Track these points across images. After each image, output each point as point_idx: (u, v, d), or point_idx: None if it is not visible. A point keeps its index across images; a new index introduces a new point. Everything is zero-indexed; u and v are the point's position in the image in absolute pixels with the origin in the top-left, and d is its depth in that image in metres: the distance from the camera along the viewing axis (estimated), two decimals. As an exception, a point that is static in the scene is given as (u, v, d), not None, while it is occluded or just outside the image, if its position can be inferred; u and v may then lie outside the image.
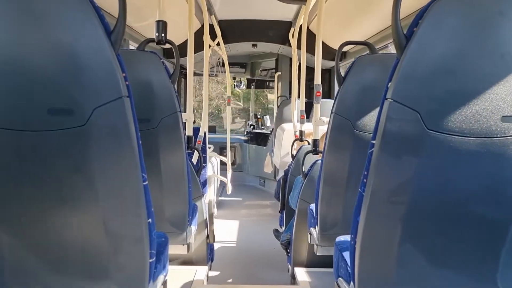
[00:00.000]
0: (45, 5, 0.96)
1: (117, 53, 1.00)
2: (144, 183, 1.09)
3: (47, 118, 0.99)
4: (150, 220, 1.12)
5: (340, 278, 1.35)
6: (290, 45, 4.84)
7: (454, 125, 0.98)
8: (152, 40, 1.81)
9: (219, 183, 5.51)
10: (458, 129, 0.98)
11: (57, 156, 1.03)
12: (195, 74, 2.73)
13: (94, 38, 0.97)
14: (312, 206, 2.15)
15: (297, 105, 4.18)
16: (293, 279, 2.62)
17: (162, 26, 1.64)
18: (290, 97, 5.67)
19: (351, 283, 1.21)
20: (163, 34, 1.65)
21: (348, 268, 1.26)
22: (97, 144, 1.01)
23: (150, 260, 1.15)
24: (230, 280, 3.21)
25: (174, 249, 1.89)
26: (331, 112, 1.82)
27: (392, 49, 3.49)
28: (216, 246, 3.49)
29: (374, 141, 1.05)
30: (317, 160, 2.42)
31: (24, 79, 0.98)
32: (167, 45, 1.78)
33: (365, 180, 1.08)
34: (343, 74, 1.84)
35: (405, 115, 0.99)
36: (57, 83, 0.98)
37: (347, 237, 1.43)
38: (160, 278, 1.32)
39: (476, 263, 1.11)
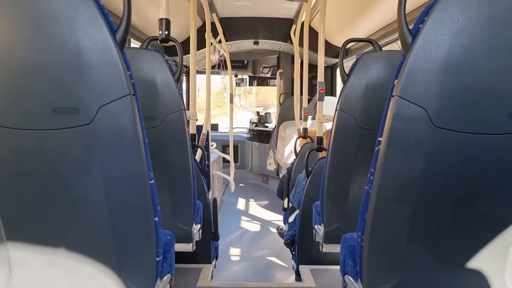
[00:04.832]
0: (49, 5, 0.95)
1: (123, 51, 1.00)
2: (151, 182, 1.08)
3: (52, 117, 0.99)
4: (156, 218, 1.12)
5: (347, 276, 1.35)
6: (291, 43, 4.84)
7: (462, 122, 0.98)
8: (155, 38, 1.80)
9: (222, 181, 5.51)
10: (466, 126, 0.98)
11: (62, 155, 1.02)
12: (197, 72, 2.72)
13: (99, 37, 0.96)
14: (317, 203, 2.15)
15: (300, 102, 4.18)
16: (298, 277, 2.62)
17: (165, 24, 1.63)
18: (292, 94, 5.66)
19: (359, 280, 1.20)
20: (166, 32, 1.64)
21: (356, 266, 1.26)
22: (103, 142, 1.01)
23: (157, 259, 1.15)
24: (234, 278, 3.22)
25: (180, 247, 1.89)
26: (336, 109, 1.81)
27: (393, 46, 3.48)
28: (221, 244, 3.49)
29: (380, 138, 1.05)
30: (321, 157, 2.41)
31: (28, 78, 0.97)
32: (169, 43, 1.77)
33: (372, 178, 1.08)
34: (346, 71, 1.83)
35: (412, 112, 0.98)
36: (62, 82, 0.98)
37: (353, 234, 1.43)
38: (167, 277, 1.32)
39: (484, 260, 1.10)
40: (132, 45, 3.58)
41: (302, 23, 3.81)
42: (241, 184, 6.67)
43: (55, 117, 0.99)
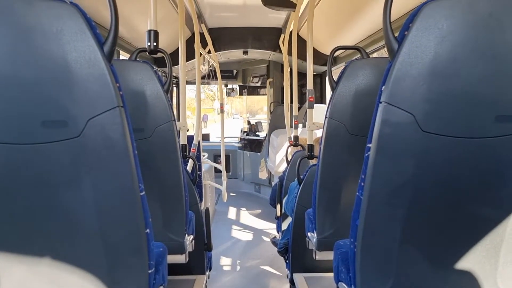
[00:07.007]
0: (36, 18, 0.95)
1: (111, 63, 1.00)
2: (141, 194, 1.08)
3: (41, 131, 0.98)
4: (148, 230, 1.11)
5: (341, 283, 1.35)
6: (280, 52, 4.87)
7: (449, 126, 0.99)
8: (144, 50, 1.81)
9: (214, 191, 5.50)
10: (453, 130, 0.99)
11: (51, 168, 1.02)
12: (187, 82, 2.72)
13: (87, 50, 0.96)
14: (309, 211, 2.15)
15: (290, 110, 4.19)
16: (292, 285, 2.61)
17: (153, 35, 1.63)
18: (282, 103, 5.68)
19: (352, 287, 1.20)
20: (154, 44, 1.65)
21: (349, 272, 1.26)
22: (92, 155, 1.01)
23: (149, 271, 1.14)
24: None
25: (172, 259, 1.88)
26: (326, 117, 1.82)
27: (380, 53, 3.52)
28: (214, 254, 3.47)
29: (370, 145, 1.05)
30: (312, 165, 2.42)
31: (16, 92, 0.97)
32: (158, 54, 1.78)
33: (362, 184, 1.09)
34: (335, 78, 1.85)
35: (400, 118, 0.99)
36: (50, 95, 0.97)
37: (346, 241, 1.43)
38: None
39: (475, 262, 1.11)
40: (122, 57, 3.57)
41: (291, 32, 3.84)
42: (233, 194, 6.65)
43: (44, 131, 0.98)
